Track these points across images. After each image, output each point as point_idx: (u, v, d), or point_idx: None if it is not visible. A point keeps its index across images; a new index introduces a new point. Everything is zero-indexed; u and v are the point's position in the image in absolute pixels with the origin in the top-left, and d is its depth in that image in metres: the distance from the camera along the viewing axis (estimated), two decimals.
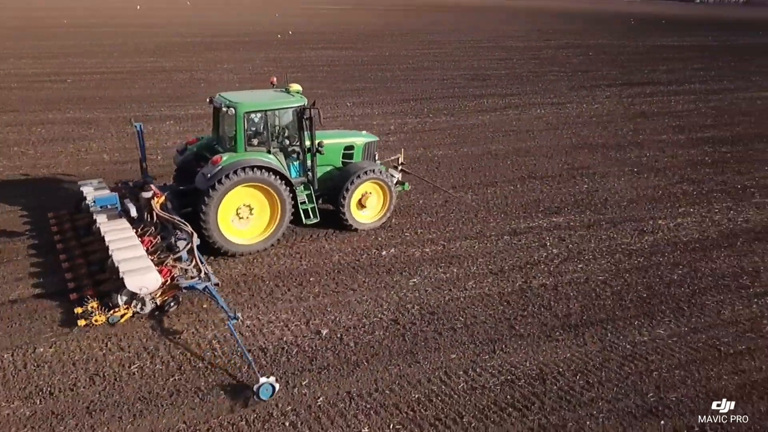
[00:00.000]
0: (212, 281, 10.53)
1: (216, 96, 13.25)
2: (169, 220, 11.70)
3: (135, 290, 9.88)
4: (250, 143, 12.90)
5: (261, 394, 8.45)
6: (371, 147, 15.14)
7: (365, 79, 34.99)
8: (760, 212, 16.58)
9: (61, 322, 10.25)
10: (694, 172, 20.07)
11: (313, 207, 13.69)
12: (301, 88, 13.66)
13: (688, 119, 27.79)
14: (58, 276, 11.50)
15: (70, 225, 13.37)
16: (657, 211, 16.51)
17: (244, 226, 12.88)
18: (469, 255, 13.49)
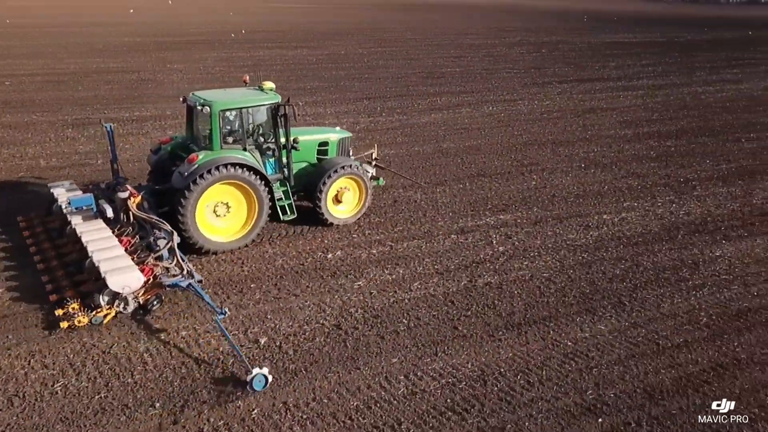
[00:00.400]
0: (195, 278, 10.51)
1: (189, 95, 13.17)
2: (147, 220, 11.63)
3: (118, 290, 9.77)
4: (226, 141, 12.86)
5: (254, 385, 8.48)
6: (345, 143, 15.25)
7: (318, 78, 34.57)
8: (701, 205, 16.90)
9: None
10: (639, 166, 20.37)
11: (290, 203, 13.76)
12: (275, 86, 13.73)
13: (635, 114, 28.29)
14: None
15: (42, 228, 13.12)
16: (602, 206, 16.66)
17: (222, 224, 12.84)
18: (416, 255, 13.32)
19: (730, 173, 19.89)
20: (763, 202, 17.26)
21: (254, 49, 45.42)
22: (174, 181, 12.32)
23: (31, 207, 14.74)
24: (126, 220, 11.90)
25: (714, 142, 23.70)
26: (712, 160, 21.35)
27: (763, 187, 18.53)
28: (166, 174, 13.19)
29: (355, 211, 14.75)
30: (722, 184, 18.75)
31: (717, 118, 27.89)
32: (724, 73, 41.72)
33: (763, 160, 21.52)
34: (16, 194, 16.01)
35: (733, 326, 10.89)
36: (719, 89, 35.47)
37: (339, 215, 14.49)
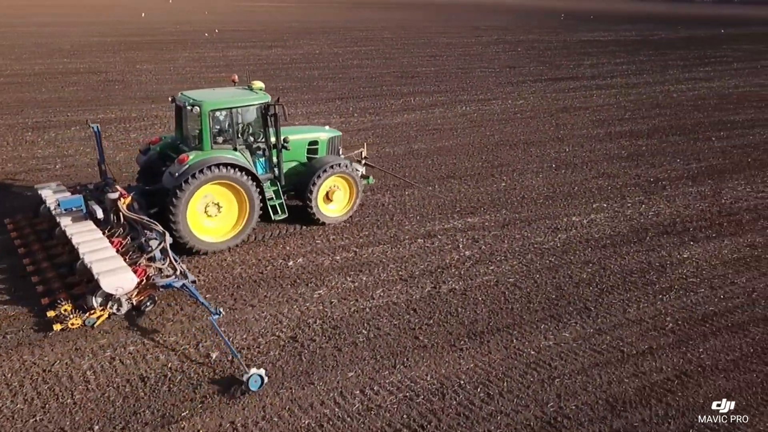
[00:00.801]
0: (189, 279, 10.51)
1: (179, 95, 13.09)
2: (138, 221, 11.56)
3: (111, 291, 9.69)
4: (216, 141, 12.80)
5: (251, 385, 8.50)
6: (335, 141, 15.28)
7: (291, 78, 34.05)
8: (670, 205, 16.78)
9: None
10: (610, 166, 20.24)
11: (281, 203, 13.74)
12: (264, 85, 13.67)
13: (607, 113, 28.24)
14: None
15: (31, 229, 13.02)
16: (572, 207, 16.45)
17: (213, 224, 12.79)
18: (380, 261, 12.96)
19: (700, 172, 19.84)
20: (732, 202, 17.18)
21: (227, 49, 44.72)
22: (165, 182, 12.23)
23: (17, 209, 14.46)
24: (116, 221, 11.79)
25: (685, 141, 23.69)
26: (683, 159, 21.30)
27: (731, 187, 18.48)
28: (155, 174, 13.18)
29: (346, 209, 14.74)
30: (692, 184, 18.67)
31: (688, 117, 27.94)
32: (696, 71, 41.97)
33: (733, 158, 21.52)
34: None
35: (698, 331, 10.69)
36: (691, 87, 35.63)
37: (330, 214, 14.49)
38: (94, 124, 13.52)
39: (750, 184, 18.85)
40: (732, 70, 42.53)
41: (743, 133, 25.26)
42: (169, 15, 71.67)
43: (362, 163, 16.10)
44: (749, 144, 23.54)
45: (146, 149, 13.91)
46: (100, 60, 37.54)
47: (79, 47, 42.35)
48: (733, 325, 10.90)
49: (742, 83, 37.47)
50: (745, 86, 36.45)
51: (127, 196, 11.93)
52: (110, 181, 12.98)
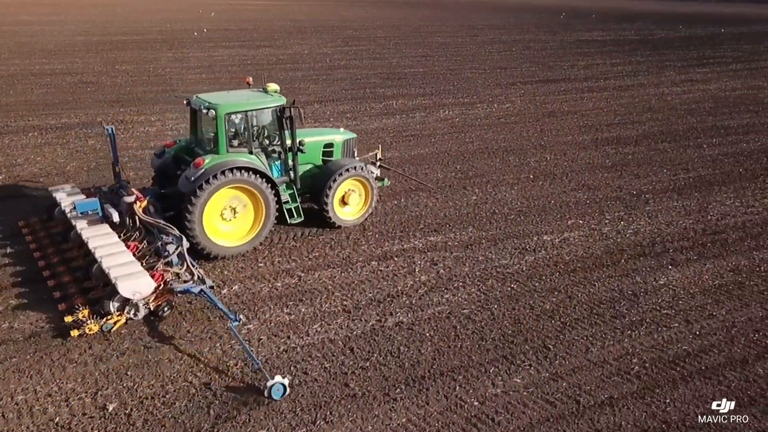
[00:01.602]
0: (207, 284, 10.39)
1: (193, 98, 12.88)
2: (155, 224, 11.43)
3: (128, 296, 9.56)
4: (231, 144, 12.61)
5: (273, 394, 8.38)
6: (350, 144, 15.05)
7: (272, 80, 32.70)
8: (651, 221, 15.51)
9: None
10: (591, 176, 18.96)
11: (297, 206, 13.57)
12: (279, 88, 13.43)
13: (596, 118, 26.92)
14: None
15: (45, 233, 12.95)
16: (545, 224, 15.21)
17: (229, 228, 12.64)
18: (326, 288, 11.77)
19: (687, 184, 18.54)
20: (718, 218, 15.90)
21: (214, 49, 43.58)
22: (181, 186, 12.05)
23: (30, 212, 14.30)
24: (132, 224, 11.68)
25: (674, 149, 22.37)
26: (670, 168, 20.00)
27: (719, 200, 17.19)
28: (170, 177, 13.08)
29: (362, 212, 14.58)
30: (677, 197, 17.38)
31: (681, 122, 26.59)
32: (693, 72, 40.53)
33: (723, 168, 20.20)
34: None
35: (667, 376, 9.46)
36: (686, 90, 34.24)
37: (345, 217, 14.33)
38: (108, 126, 13.22)
39: (739, 197, 17.55)
40: (730, 72, 41.08)
41: (737, 140, 23.92)
42: (168, 14, 70.53)
43: (377, 165, 15.78)
44: (742, 152, 22.20)
45: (161, 152, 13.62)
46: (80, 60, 36.44)
47: (63, 47, 41.29)
48: (707, 369, 9.65)
49: (739, 85, 36.05)
50: (742, 89, 35.03)
51: (143, 199, 11.77)
52: (124, 183, 12.87)
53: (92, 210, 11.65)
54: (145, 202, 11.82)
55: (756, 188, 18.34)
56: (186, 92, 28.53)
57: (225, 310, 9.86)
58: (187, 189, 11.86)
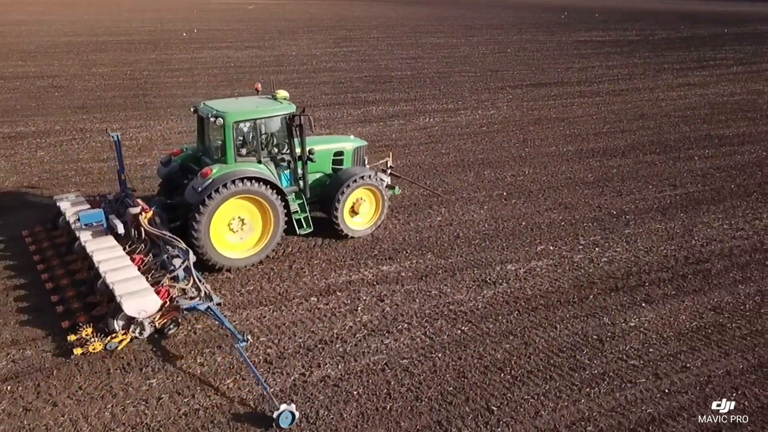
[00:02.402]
0: (214, 301, 9.97)
1: (201, 105, 12.54)
2: (160, 237, 11.03)
3: (133, 314, 9.18)
4: (239, 153, 12.20)
5: (281, 422, 8.01)
6: (360, 152, 14.61)
7: (251, 84, 31.40)
8: (629, 247, 14.06)
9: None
10: (570, 194, 17.50)
11: (306, 216, 13.18)
12: (288, 95, 13.10)
13: (584, 126, 25.40)
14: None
15: (49, 242, 12.61)
16: (512, 250, 13.79)
17: (236, 240, 12.26)
18: (250, 332, 10.39)
19: (673, 202, 17.05)
20: (703, 244, 14.43)
21: (199, 50, 42.26)
22: (187, 196, 11.66)
23: (35, 220, 13.94)
24: (137, 236, 11.29)
25: (663, 161, 20.86)
26: (657, 184, 18.51)
27: (706, 222, 15.71)
28: (176, 187, 12.74)
29: (372, 222, 14.17)
30: (660, 218, 15.92)
31: (673, 131, 25.04)
32: (692, 75, 38.87)
33: (714, 184, 18.69)
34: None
35: None
36: (683, 95, 32.63)
37: (355, 227, 13.92)
38: (113, 132, 12.84)
39: (729, 218, 16.06)
40: (730, 75, 39.38)
41: (731, 151, 22.37)
42: (161, 14, 69.29)
43: (387, 172, 15.36)
44: (735, 165, 20.67)
45: (167, 160, 13.16)
46: (57, 63, 35.21)
47: (44, 48, 40.10)
48: None
49: (738, 90, 34.39)
50: (741, 93, 33.38)
51: (148, 210, 11.41)
52: (130, 192, 12.53)
53: (97, 221, 11.31)
54: (151, 213, 11.41)
55: (747, 207, 16.84)
56: (159, 96, 27.24)
57: (232, 329, 9.33)
58: (194, 200, 11.43)
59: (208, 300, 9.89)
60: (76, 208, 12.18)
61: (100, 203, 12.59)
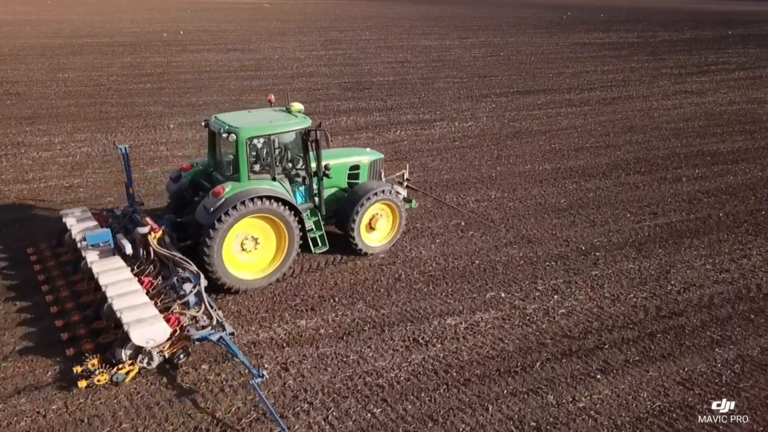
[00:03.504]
0: (227, 330, 9.32)
1: (212, 119, 11.87)
2: (170, 258, 10.46)
3: (141, 344, 8.71)
4: (252, 170, 11.59)
5: None
6: (377, 165, 14.06)
7: (221, 91, 29.65)
8: (593, 295, 12.08)
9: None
10: (537, 224, 15.51)
11: (322, 234, 12.62)
12: (303, 108, 12.40)
13: (566, 140, 23.34)
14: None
15: (54, 261, 11.98)
16: (456, 297, 11.86)
17: (249, 260, 11.65)
18: (105, 417, 8.52)
19: (652, 235, 15.03)
20: (680, 290, 12.42)
21: (178, 53, 40.47)
22: (198, 216, 11.06)
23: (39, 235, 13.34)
24: (146, 256, 10.67)
25: (647, 183, 18.79)
26: (636, 211, 16.47)
27: (687, 261, 13.69)
28: (186, 204, 12.23)
29: (389, 238, 13.55)
30: (635, 255, 13.92)
31: (663, 146, 22.95)
32: (690, 81, 36.62)
33: (700, 212, 16.62)
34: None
35: None
36: (678, 104, 30.45)
37: (372, 243, 13.32)
38: (121, 145, 12.10)
39: (713, 255, 14.04)
40: (731, 81, 37.10)
41: (723, 170, 20.26)
42: (153, 14, 67.64)
43: (404, 185, 14.74)
44: (727, 188, 18.57)
45: (177, 176, 12.57)
46: (24, 67, 33.53)
47: (17, 51, 38.47)
48: None
49: (738, 98, 32.16)
50: (741, 102, 31.15)
51: (157, 229, 10.79)
52: (138, 207, 12.01)
53: (104, 242, 10.78)
54: (160, 232, 10.80)
55: (735, 242, 14.79)
56: (117, 105, 25.49)
57: (247, 363, 8.73)
58: (205, 220, 10.84)
59: (220, 329, 9.25)
60: (83, 224, 11.61)
61: (107, 218, 12.16)
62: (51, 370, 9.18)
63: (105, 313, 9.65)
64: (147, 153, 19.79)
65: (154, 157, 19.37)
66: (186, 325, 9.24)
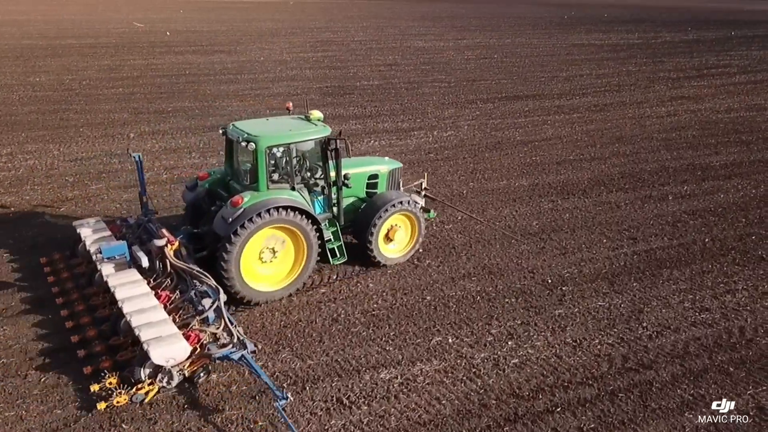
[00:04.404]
0: (248, 349, 8.99)
1: (230, 126, 11.62)
2: (187, 271, 10.20)
3: (161, 363, 8.44)
4: (271, 179, 11.26)
5: None
6: (396, 174, 13.77)
7: (192, 96, 28.29)
8: (552, 340, 10.62)
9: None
10: (501, 251, 14.04)
11: (340, 245, 12.32)
12: (322, 116, 12.15)
13: (549, 152, 21.83)
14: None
15: (68, 273, 11.78)
16: (397, 343, 10.44)
17: (267, 271, 11.40)
18: None
19: (628, 265, 13.54)
20: (652, 335, 10.93)
21: (162, 55, 39.20)
22: (216, 227, 10.82)
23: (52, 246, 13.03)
24: (162, 269, 10.42)
25: (630, 202, 17.27)
26: (614, 236, 14.98)
27: (663, 297, 12.19)
28: (203, 213, 11.98)
29: (407, 249, 13.21)
30: (607, 290, 12.45)
31: (651, 159, 21.39)
32: (688, 86, 34.96)
33: (684, 237, 15.10)
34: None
35: None
36: (673, 111, 28.83)
37: (390, 255, 12.99)
38: (135, 153, 12.05)
39: (694, 289, 12.54)
40: (730, 86, 35.41)
41: (714, 187, 18.70)
42: (146, 14, 66.42)
43: (422, 195, 14.51)
44: (716, 208, 17.02)
45: (193, 185, 12.23)
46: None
47: None
48: None
49: (737, 104, 30.49)
50: (739, 109, 29.48)
51: (174, 242, 10.46)
52: (152, 215, 11.96)
53: (119, 255, 10.45)
54: (177, 244, 10.46)
55: (720, 273, 13.28)
56: (80, 112, 24.19)
57: (270, 384, 8.42)
58: (223, 231, 10.59)
59: (241, 347, 8.89)
60: (97, 235, 11.43)
61: (120, 228, 11.96)
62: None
63: (122, 329, 9.47)
64: (96, 166, 18.47)
65: (103, 171, 18.04)
66: (206, 343, 8.97)
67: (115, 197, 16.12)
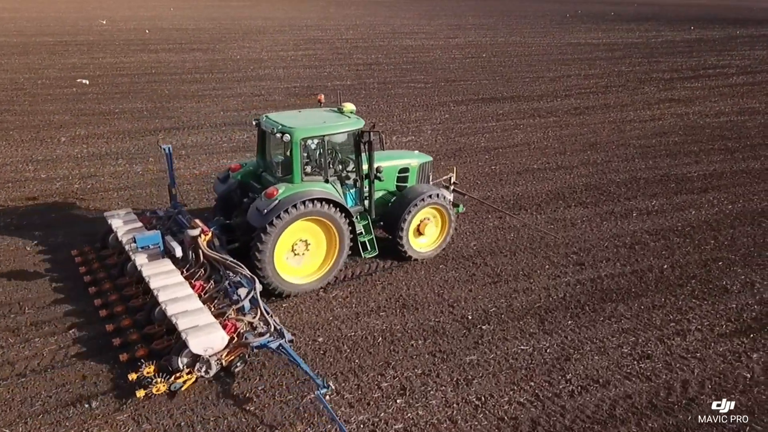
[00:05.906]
0: (286, 338, 8.80)
1: (263, 118, 11.44)
2: (221, 261, 10.02)
3: (200, 352, 8.25)
4: (305, 171, 11.08)
5: None
6: (426, 168, 13.58)
7: (150, 97, 26.61)
8: (451, 398, 8.75)
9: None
10: (424, 280, 12.14)
11: (371, 239, 12.17)
12: (355, 108, 11.89)
13: (513, 159, 19.87)
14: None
15: (99, 264, 11.63)
16: (258, 405, 8.58)
17: (298, 263, 11.23)
18: None
19: (568, 297, 11.60)
20: (576, 390, 9.02)
21: (135, 53, 37.63)
22: (250, 219, 10.69)
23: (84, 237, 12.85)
24: (195, 259, 10.26)
25: (588, 219, 15.29)
26: (559, 261, 13.03)
27: (599, 340, 10.26)
28: (234, 205, 11.86)
29: (437, 243, 12.94)
30: (534, 331, 10.51)
31: (623, 168, 19.36)
32: (680, 87, 32.71)
33: (639, 263, 13.09)
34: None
35: None
36: (658, 114, 26.67)
37: (420, 249, 12.73)
38: (165, 145, 11.91)
39: (638, 330, 10.59)
40: (726, 87, 33.09)
41: (687, 201, 16.65)
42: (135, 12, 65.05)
43: (450, 189, 14.00)
44: (684, 227, 14.99)
45: (225, 176, 12.13)
46: None
47: None
48: None
49: (729, 107, 28.23)
50: (730, 113, 27.23)
51: (207, 232, 10.35)
52: (181, 208, 11.86)
53: (153, 244, 10.40)
54: (210, 234, 10.38)
55: (672, 309, 11.30)
56: (23, 114, 22.64)
57: (310, 373, 8.32)
58: (258, 223, 10.46)
59: (279, 336, 8.79)
60: (129, 226, 11.30)
61: (151, 220, 11.75)
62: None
63: (156, 318, 9.41)
64: (8, 174, 16.83)
65: (9, 180, 16.40)
66: (243, 332, 8.85)
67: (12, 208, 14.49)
